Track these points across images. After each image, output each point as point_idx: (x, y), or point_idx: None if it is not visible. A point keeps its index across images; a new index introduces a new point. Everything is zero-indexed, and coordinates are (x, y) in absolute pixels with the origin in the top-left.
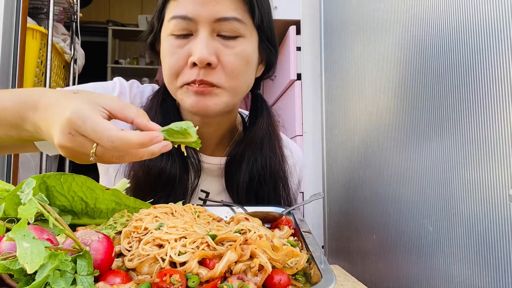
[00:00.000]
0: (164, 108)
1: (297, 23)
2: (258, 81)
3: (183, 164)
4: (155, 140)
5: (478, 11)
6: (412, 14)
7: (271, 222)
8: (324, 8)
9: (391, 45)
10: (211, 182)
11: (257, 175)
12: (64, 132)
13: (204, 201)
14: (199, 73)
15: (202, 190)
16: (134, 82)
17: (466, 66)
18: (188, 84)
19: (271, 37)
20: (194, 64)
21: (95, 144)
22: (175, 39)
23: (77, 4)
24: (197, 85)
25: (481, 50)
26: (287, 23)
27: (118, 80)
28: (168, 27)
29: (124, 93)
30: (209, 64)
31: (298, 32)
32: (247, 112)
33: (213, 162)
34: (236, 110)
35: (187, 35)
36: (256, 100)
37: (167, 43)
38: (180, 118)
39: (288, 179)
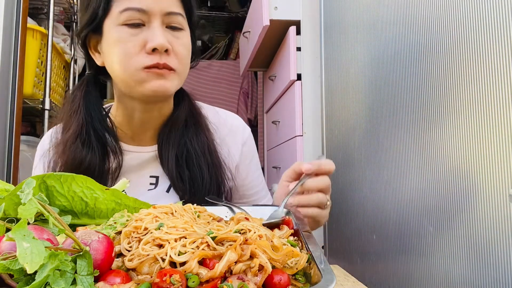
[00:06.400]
0: (88, 100)
1: (297, 23)
2: None
3: (102, 155)
4: None
5: (478, 11)
6: (412, 14)
7: None
8: (324, 8)
9: (391, 45)
10: (157, 168)
11: (185, 151)
12: None
13: (206, 201)
14: (161, 58)
15: (151, 176)
16: (52, 129)
17: (466, 66)
18: (148, 68)
19: (195, 31)
20: (153, 51)
21: None
22: (128, 28)
23: (77, 4)
24: (160, 68)
25: (481, 50)
26: (287, 23)
27: (42, 140)
28: (120, 18)
29: (44, 144)
30: (166, 51)
31: (298, 32)
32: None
33: (152, 150)
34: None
35: (139, 25)
36: (178, 91)
37: (119, 32)
38: (103, 109)
39: (219, 154)
